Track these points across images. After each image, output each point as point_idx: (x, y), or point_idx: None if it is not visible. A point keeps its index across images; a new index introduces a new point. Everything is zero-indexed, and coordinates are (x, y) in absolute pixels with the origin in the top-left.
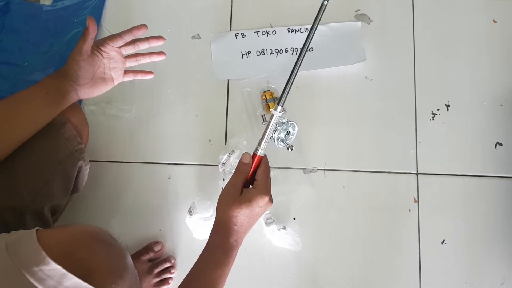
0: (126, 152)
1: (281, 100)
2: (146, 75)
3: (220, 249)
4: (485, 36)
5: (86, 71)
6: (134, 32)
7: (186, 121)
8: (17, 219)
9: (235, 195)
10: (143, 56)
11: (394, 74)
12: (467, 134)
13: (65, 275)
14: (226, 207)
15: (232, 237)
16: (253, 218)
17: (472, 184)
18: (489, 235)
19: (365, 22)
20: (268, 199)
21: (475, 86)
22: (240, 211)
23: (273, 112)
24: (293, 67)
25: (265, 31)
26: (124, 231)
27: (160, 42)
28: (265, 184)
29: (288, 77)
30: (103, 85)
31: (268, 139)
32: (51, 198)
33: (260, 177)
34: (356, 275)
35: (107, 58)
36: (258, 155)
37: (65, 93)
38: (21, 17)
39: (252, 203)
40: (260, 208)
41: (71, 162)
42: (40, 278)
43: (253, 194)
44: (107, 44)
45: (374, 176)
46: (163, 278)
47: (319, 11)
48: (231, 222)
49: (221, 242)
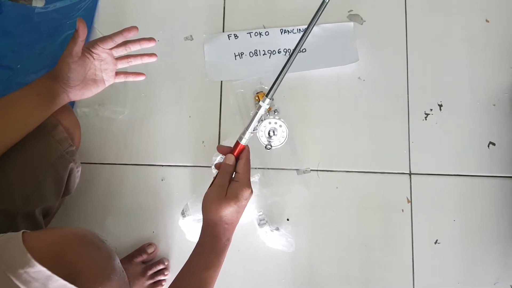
0: (119, 154)
1: (270, 93)
2: (138, 76)
3: (212, 251)
4: (478, 36)
5: (77, 73)
6: (125, 34)
7: (179, 123)
8: (8, 221)
9: (222, 195)
10: (135, 58)
11: (387, 75)
12: (460, 134)
13: (51, 277)
14: (215, 208)
15: (224, 237)
16: (240, 212)
17: (465, 184)
18: (483, 234)
19: (358, 23)
20: (250, 190)
21: (468, 86)
22: (230, 209)
23: (260, 103)
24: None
25: (258, 32)
26: (118, 233)
27: (151, 43)
28: (247, 176)
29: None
30: (94, 87)
31: (252, 130)
32: (43, 200)
33: (242, 169)
34: (350, 275)
35: (98, 60)
36: (240, 143)
37: (56, 95)
38: (14, 19)
39: (239, 198)
40: (245, 201)
41: (62, 164)
42: (25, 281)
43: (238, 189)
44: (98, 46)
45: (367, 176)
46: (156, 280)
47: (319, 8)
48: (222, 222)
49: (213, 243)
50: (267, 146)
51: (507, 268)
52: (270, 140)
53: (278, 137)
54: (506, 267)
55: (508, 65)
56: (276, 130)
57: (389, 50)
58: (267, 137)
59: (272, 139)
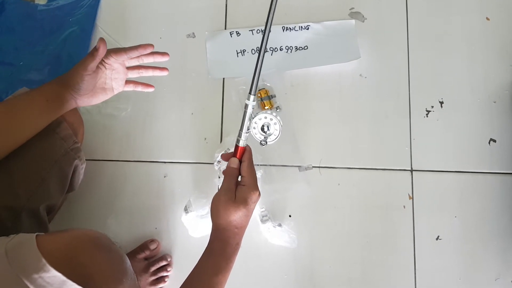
0: (122, 151)
1: (252, 89)
2: (147, 87)
3: (221, 255)
4: (479, 34)
5: (89, 84)
6: (140, 50)
7: (181, 120)
8: (13, 218)
9: (231, 200)
10: (146, 70)
11: (388, 72)
12: (461, 131)
13: (65, 282)
14: (223, 213)
15: (234, 241)
16: (249, 215)
17: (466, 180)
18: (484, 231)
19: (359, 20)
20: (258, 192)
21: (468, 83)
22: (239, 213)
23: (246, 101)
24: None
25: (259, 29)
26: (120, 229)
27: (164, 58)
28: (253, 179)
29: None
30: (102, 95)
31: (246, 129)
32: (47, 197)
33: (246, 172)
34: (352, 271)
35: (109, 69)
36: (239, 146)
37: (65, 101)
38: (16, 16)
39: (247, 201)
40: (254, 203)
41: (67, 161)
42: (40, 285)
43: (246, 193)
44: (111, 57)
45: (369, 173)
46: (159, 276)
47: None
48: (232, 226)
49: (222, 247)
50: (261, 142)
51: (508, 264)
52: (265, 136)
53: (272, 131)
54: (507, 263)
55: (508, 62)
56: (270, 125)
57: (391, 48)
58: (262, 133)
59: (267, 134)
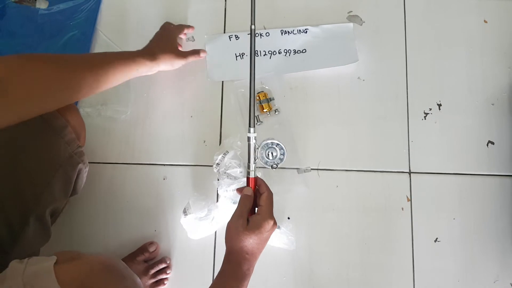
0: (121, 153)
1: (250, 122)
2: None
3: (232, 277)
4: (476, 36)
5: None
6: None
7: (181, 122)
8: (22, 222)
9: (243, 226)
10: None
11: (386, 74)
12: (459, 133)
13: None
14: (236, 238)
15: (244, 266)
16: (262, 243)
17: (464, 182)
18: (482, 233)
19: (357, 24)
20: (273, 222)
21: (467, 86)
22: (250, 240)
23: (248, 135)
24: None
25: (258, 33)
26: (119, 231)
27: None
28: (269, 209)
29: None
30: None
31: (254, 161)
32: (53, 201)
33: (264, 202)
34: (350, 273)
35: None
36: (250, 177)
37: (149, 72)
38: (17, 20)
39: (260, 230)
40: (267, 233)
41: (71, 165)
42: None
43: (259, 221)
44: None
45: (367, 175)
46: (158, 279)
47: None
48: (242, 252)
49: (234, 270)
50: (272, 166)
51: (506, 266)
52: (273, 161)
53: (278, 154)
54: (506, 265)
55: (506, 65)
56: (275, 149)
57: (389, 50)
58: (269, 159)
59: (274, 158)
